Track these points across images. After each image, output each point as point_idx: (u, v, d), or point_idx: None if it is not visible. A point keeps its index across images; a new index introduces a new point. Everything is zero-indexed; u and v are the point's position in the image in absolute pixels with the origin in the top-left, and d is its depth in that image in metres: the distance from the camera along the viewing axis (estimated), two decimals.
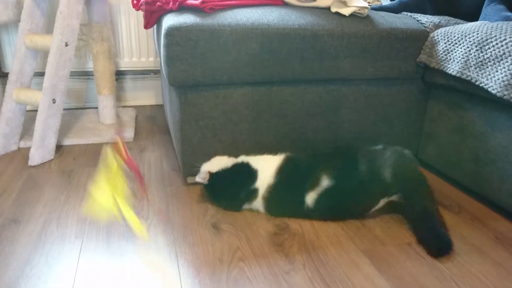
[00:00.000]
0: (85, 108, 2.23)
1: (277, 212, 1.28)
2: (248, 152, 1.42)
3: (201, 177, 1.32)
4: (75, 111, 2.14)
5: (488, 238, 1.19)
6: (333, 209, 1.25)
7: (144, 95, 2.37)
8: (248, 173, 1.30)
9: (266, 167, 1.30)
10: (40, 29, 1.68)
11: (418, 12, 1.58)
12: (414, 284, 0.99)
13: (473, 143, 1.36)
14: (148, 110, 2.28)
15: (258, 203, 1.29)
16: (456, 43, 1.32)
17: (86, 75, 2.23)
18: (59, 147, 1.72)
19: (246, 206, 1.30)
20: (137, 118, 2.11)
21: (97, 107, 2.09)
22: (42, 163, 1.58)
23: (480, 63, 1.24)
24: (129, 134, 1.85)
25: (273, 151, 1.44)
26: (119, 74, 2.26)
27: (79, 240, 1.13)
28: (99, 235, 1.15)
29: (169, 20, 1.24)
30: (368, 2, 1.69)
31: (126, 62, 2.20)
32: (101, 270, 1.01)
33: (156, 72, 2.34)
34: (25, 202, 1.31)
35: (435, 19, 1.49)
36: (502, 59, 1.18)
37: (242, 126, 1.39)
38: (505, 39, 1.18)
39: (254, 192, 1.28)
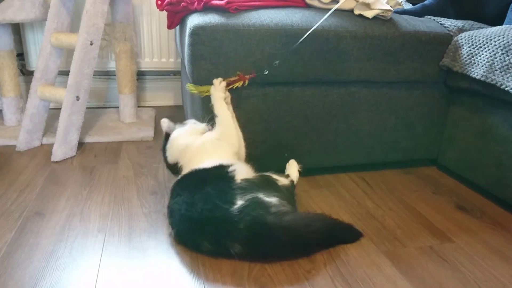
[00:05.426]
0: (106, 107, 2.26)
1: None
2: (269, 153, 1.43)
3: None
4: (96, 110, 2.17)
5: (510, 243, 1.18)
6: None
7: (163, 95, 2.40)
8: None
9: None
10: (66, 27, 1.71)
11: (441, 16, 1.57)
12: (437, 287, 0.98)
13: (496, 148, 1.35)
14: (167, 110, 2.30)
15: None
16: (480, 47, 1.31)
17: (106, 74, 2.26)
18: (80, 144, 1.74)
19: None
20: (156, 118, 2.13)
21: (117, 107, 2.11)
22: (64, 159, 1.61)
23: (505, 67, 1.23)
24: (149, 133, 1.87)
25: (292, 151, 1.45)
26: (139, 74, 2.29)
27: (102, 234, 1.14)
28: (121, 230, 1.16)
29: (194, 20, 1.26)
30: (390, 6, 1.69)
31: (147, 63, 2.23)
32: (124, 264, 1.03)
33: (176, 73, 2.36)
34: (48, 196, 1.33)
35: (459, 23, 1.48)
36: None
37: (262, 126, 1.40)
38: None
39: None
